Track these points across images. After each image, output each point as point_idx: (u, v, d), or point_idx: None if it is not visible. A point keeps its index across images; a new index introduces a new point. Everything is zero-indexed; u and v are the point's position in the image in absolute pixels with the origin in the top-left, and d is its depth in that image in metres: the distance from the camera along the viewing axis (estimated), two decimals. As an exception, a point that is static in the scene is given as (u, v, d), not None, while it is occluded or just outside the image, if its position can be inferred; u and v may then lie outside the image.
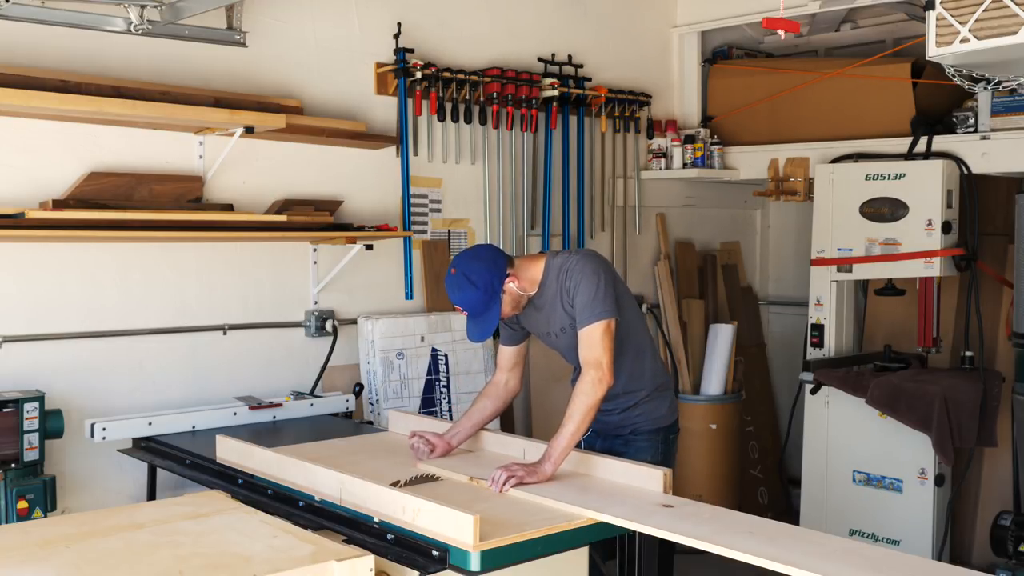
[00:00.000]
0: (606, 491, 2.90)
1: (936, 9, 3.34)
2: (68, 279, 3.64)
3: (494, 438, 3.42)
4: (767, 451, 6.01)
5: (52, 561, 2.36)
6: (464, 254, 3.23)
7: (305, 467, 2.94)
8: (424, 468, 3.12)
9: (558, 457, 2.95)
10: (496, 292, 3.12)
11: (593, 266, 3.14)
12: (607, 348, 3.05)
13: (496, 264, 3.16)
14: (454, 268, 3.17)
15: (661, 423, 3.34)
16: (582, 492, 2.86)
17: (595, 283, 3.09)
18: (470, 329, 3.20)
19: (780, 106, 5.49)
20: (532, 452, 3.22)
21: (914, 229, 4.72)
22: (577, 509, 2.69)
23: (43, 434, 3.32)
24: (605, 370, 3.02)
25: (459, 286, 3.13)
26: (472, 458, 3.27)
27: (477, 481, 2.96)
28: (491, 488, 2.88)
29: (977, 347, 4.77)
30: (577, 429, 2.99)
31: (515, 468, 2.91)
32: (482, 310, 3.14)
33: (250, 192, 4.04)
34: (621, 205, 5.47)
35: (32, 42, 3.50)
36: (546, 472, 2.92)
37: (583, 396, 3.01)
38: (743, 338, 5.86)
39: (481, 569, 2.41)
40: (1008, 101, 4.58)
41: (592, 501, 2.75)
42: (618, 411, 3.32)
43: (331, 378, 4.29)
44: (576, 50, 5.20)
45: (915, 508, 4.69)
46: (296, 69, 4.20)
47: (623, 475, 2.99)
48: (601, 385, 3.01)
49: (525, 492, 2.84)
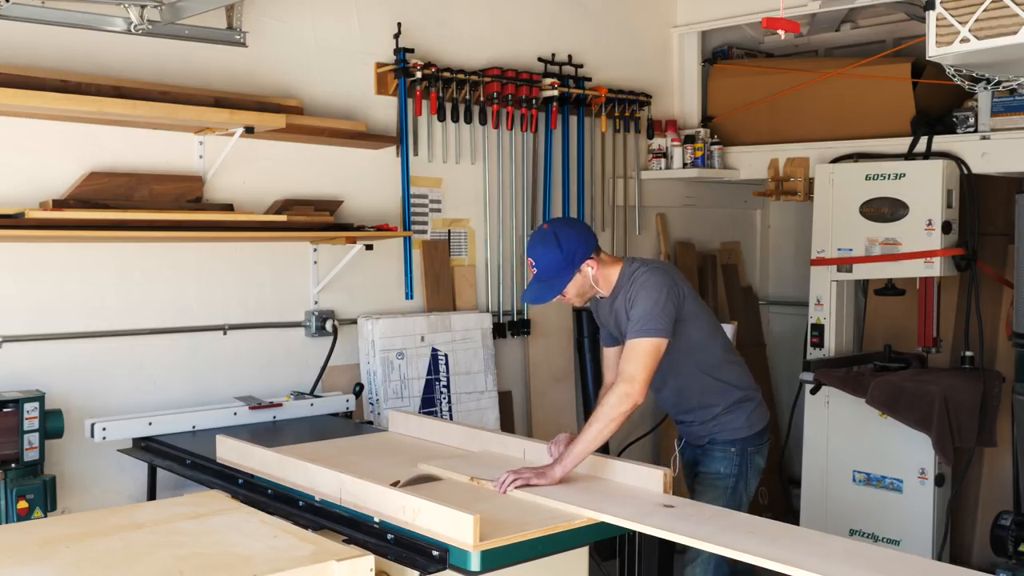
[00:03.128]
0: (607, 491, 2.90)
1: (936, 9, 3.34)
2: (68, 279, 3.64)
3: (495, 438, 3.42)
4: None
5: (52, 561, 2.36)
6: (564, 218, 3.23)
7: (305, 467, 2.93)
8: (424, 468, 3.11)
9: (569, 462, 2.92)
10: (574, 265, 3.10)
11: (658, 280, 3.09)
12: (646, 366, 2.99)
13: (588, 241, 3.15)
14: (548, 225, 3.17)
15: (738, 435, 3.31)
16: (583, 492, 2.85)
17: (655, 298, 3.05)
18: (529, 289, 3.19)
19: (780, 106, 5.49)
20: (532, 452, 3.22)
21: (914, 229, 4.71)
22: (577, 509, 2.69)
23: (43, 434, 3.32)
24: (637, 387, 2.96)
25: (545, 242, 3.10)
26: (474, 458, 3.26)
27: (478, 481, 2.95)
28: (495, 489, 2.86)
29: (977, 347, 4.77)
30: (595, 438, 2.94)
31: (523, 471, 2.90)
32: (552, 275, 3.12)
33: (250, 192, 4.04)
34: (621, 205, 5.47)
35: (32, 42, 3.50)
36: (555, 476, 2.89)
37: (607, 407, 2.98)
38: (743, 338, 5.86)
39: (481, 569, 2.41)
40: (1008, 101, 4.58)
41: (592, 501, 2.75)
42: (698, 422, 3.34)
43: (331, 378, 4.29)
44: (576, 50, 5.20)
45: (915, 508, 4.69)
46: (296, 69, 4.20)
47: (625, 475, 2.99)
48: (628, 400, 2.96)
49: (526, 493, 2.83)
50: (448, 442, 3.51)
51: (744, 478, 3.32)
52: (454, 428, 3.58)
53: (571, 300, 3.22)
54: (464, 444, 3.44)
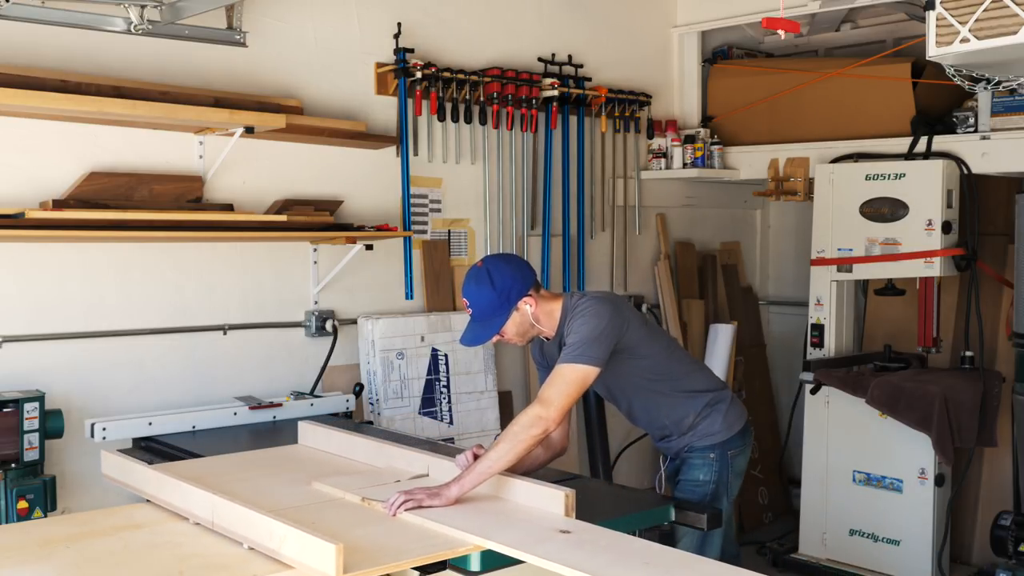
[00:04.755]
0: (504, 514, 2.68)
1: (936, 9, 3.35)
2: (68, 279, 3.64)
3: (400, 453, 3.16)
4: (767, 451, 6.01)
5: (52, 561, 2.36)
6: (498, 255, 3.12)
7: (180, 487, 2.72)
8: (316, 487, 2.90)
9: (468, 482, 2.70)
10: (510, 303, 3.00)
11: (599, 309, 2.96)
12: (568, 394, 2.84)
13: (524, 277, 3.03)
14: (482, 262, 3.06)
15: (716, 439, 3.24)
16: (477, 515, 2.62)
17: (592, 325, 2.92)
18: (466, 331, 3.09)
19: (780, 106, 5.49)
20: (436, 469, 3.00)
21: (914, 229, 4.72)
22: (463, 535, 2.46)
23: (43, 434, 3.32)
24: (553, 413, 2.79)
25: (478, 280, 3.00)
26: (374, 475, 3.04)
27: (368, 503, 2.73)
28: (385, 510, 2.64)
29: (977, 347, 4.77)
30: (500, 458, 2.73)
31: (416, 491, 2.67)
32: (487, 315, 3.02)
33: (250, 192, 4.04)
34: (621, 205, 5.47)
35: (32, 42, 3.50)
36: (450, 496, 2.67)
37: (516, 428, 2.78)
38: (743, 338, 5.86)
39: (481, 569, 2.41)
40: (1008, 101, 4.58)
41: (483, 526, 2.52)
42: (675, 436, 3.29)
43: (331, 378, 4.29)
44: (576, 50, 5.20)
45: (915, 508, 4.70)
46: (296, 69, 4.20)
47: (527, 496, 2.75)
48: (540, 424, 2.77)
49: (416, 516, 2.60)
50: (355, 456, 3.26)
51: (725, 483, 3.25)
52: (361, 442, 3.29)
53: (511, 340, 3.08)
54: (370, 459, 3.20)
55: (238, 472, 3.08)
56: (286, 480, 3.00)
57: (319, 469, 3.12)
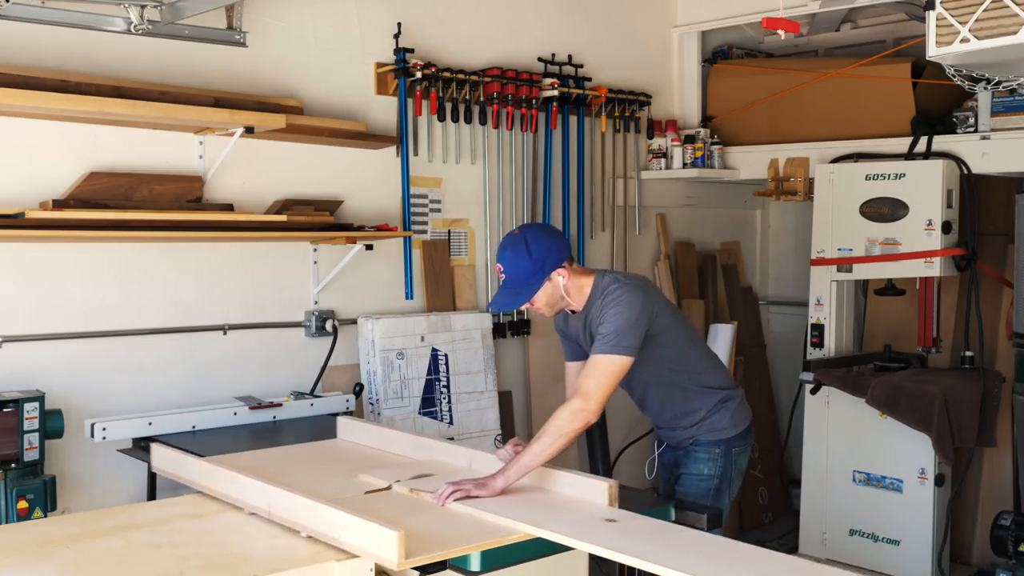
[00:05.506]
0: (551, 504, 2.77)
1: (936, 9, 3.35)
2: (68, 279, 3.64)
3: (441, 447, 3.28)
4: (767, 451, 6.01)
5: (52, 561, 2.37)
6: (536, 224, 3.14)
7: (236, 479, 2.81)
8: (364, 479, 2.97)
9: (513, 474, 2.80)
10: (544, 273, 3.03)
11: (631, 297, 3.00)
12: (606, 386, 2.91)
13: (560, 249, 3.08)
14: (519, 230, 3.11)
15: (722, 435, 3.27)
16: (524, 505, 2.71)
17: (627, 315, 2.96)
18: (497, 295, 3.12)
19: (780, 106, 5.49)
20: (478, 462, 3.09)
21: (914, 229, 4.72)
22: (514, 523, 2.55)
23: (43, 434, 3.32)
24: (593, 405, 2.87)
25: (514, 247, 3.04)
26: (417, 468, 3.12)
27: (417, 493, 2.83)
28: (434, 501, 2.73)
29: (977, 347, 4.77)
30: (543, 451, 2.82)
31: (464, 482, 2.77)
32: (520, 283, 3.04)
33: (250, 192, 4.04)
34: (621, 205, 5.47)
35: (32, 42, 3.50)
36: (496, 487, 2.76)
37: (558, 422, 2.86)
38: (743, 338, 5.86)
39: (481, 569, 2.41)
40: (1008, 101, 4.58)
41: (532, 515, 2.61)
42: (682, 428, 3.31)
43: (331, 378, 4.29)
44: (576, 50, 5.20)
45: (915, 508, 4.70)
46: (296, 69, 4.20)
47: (571, 487, 2.85)
48: (581, 417, 2.86)
49: (465, 506, 2.69)
50: (394, 450, 3.37)
51: (728, 479, 3.27)
52: (400, 436, 3.42)
53: (540, 309, 3.12)
54: (410, 452, 3.30)
55: (283, 465, 3.16)
56: (331, 472, 3.09)
57: (362, 462, 3.22)
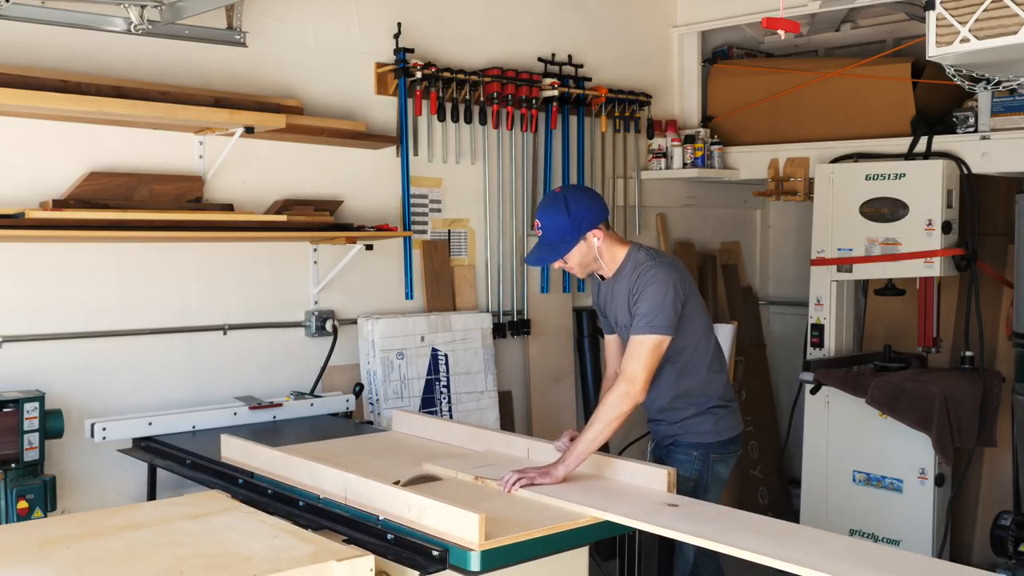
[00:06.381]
0: (611, 490, 2.90)
1: (936, 9, 3.35)
2: (68, 279, 3.64)
3: (499, 437, 3.42)
4: (767, 451, 6.01)
5: (52, 561, 2.36)
6: (577, 185, 3.20)
7: (311, 466, 2.94)
8: (428, 468, 3.11)
9: (572, 461, 2.93)
10: (580, 232, 3.10)
11: (666, 276, 3.08)
12: (648, 365, 3.01)
13: (598, 211, 3.15)
14: (560, 189, 3.19)
15: (703, 439, 3.28)
16: (587, 491, 2.85)
17: (663, 293, 3.04)
18: (533, 251, 3.19)
19: (780, 106, 5.49)
20: (536, 452, 3.22)
21: (914, 229, 4.72)
22: (581, 508, 2.69)
23: (43, 434, 3.32)
24: (638, 387, 2.99)
25: (554, 205, 3.12)
26: (477, 458, 3.26)
27: (483, 481, 2.96)
28: (499, 488, 2.87)
29: (977, 347, 4.77)
30: (596, 437, 2.95)
31: (528, 470, 2.91)
32: (556, 240, 3.12)
33: (250, 192, 4.04)
34: (621, 205, 5.47)
35: (32, 42, 3.50)
36: (558, 475, 2.90)
37: (608, 407, 2.99)
38: (743, 338, 5.86)
39: (481, 569, 2.41)
40: (1008, 101, 4.58)
41: (597, 500, 2.75)
42: (666, 422, 3.33)
43: (331, 378, 4.29)
44: (576, 50, 5.20)
45: (915, 508, 4.69)
46: (296, 69, 4.20)
47: (629, 475, 2.99)
48: (628, 400, 2.98)
49: (530, 492, 2.84)
50: (451, 441, 3.51)
51: (703, 484, 3.26)
52: (457, 427, 3.58)
53: (572, 268, 3.21)
54: (467, 444, 3.44)
55: (348, 455, 3.26)
56: (394, 462, 3.20)
57: (422, 452, 3.34)
